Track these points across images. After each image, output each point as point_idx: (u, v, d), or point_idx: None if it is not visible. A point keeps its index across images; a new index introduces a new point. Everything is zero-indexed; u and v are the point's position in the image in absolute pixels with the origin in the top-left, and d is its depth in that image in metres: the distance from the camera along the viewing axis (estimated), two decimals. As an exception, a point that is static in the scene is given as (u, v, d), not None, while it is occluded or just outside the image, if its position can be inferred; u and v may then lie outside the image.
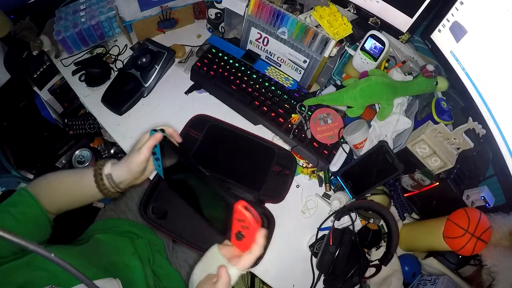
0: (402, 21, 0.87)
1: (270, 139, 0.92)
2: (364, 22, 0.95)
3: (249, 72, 0.98)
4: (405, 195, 0.85)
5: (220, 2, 0.98)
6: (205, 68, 0.97)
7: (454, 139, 0.78)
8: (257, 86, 0.96)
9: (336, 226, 0.80)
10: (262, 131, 0.93)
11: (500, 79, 0.70)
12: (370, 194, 0.84)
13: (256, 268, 0.78)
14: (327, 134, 0.89)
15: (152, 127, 0.59)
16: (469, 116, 0.80)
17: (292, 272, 0.81)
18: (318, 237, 0.81)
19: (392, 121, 0.83)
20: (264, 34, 0.95)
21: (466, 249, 0.68)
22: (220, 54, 1.00)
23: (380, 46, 0.85)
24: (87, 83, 1.01)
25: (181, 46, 1.07)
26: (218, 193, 0.50)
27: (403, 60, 0.95)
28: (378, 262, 0.75)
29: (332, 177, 0.89)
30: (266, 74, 0.97)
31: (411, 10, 0.83)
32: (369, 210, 0.82)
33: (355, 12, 0.95)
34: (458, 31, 0.78)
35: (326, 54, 0.88)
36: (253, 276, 1.04)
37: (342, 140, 0.89)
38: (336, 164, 0.87)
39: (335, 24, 0.86)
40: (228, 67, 0.98)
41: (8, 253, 0.54)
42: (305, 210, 0.87)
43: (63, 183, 0.64)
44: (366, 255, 0.80)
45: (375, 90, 0.81)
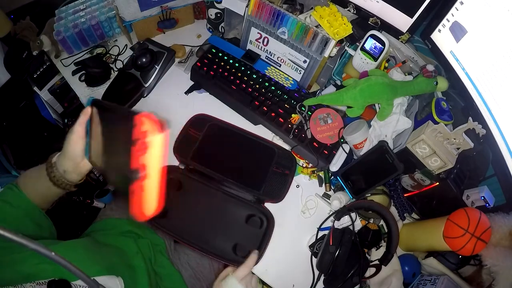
0: (402, 21, 0.87)
1: (270, 139, 0.92)
2: (364, 22, 0.95)
3: (249, 72, 0.98)
4: (405, 195, 0.85)
5: (220, 2, 0.99)
6: (205, 68, 0.97)
7: (454, 139, 0.78)
8: (257, 86, 0.96)
9: (336, 226, 0.80)
10: (262, 131, 0.93)
11: (500, 79, 0.70)
12: (370, 194, 0.84)
13: (256, 268, 0.78)
14: (327, 134, 0.89)
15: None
16: (469, 116, 0.80)
17: (292, 272, 0.81)
18: (318, 237, 0.81)
19: (392, 121, 0.83)
20: (264, 34, 0.95)
21: (466, 249, 0.68)
22: (220, 54, 1.00)
23: (380, 46, 0.85)
24: (87, 83, 1.01)
25: (181, 46, 1.07)
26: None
27: (403, 60, 0.95)
28: (378, 262, 0.75)
29: (332, 177, 0.89)
30: (266, 74, 0.97)
31: (411, 10, 0.83)
32: (369, 210, 0.82)
33: (355, 12, 0.95)
34: (458, 31, 0.78)
35: (326, 54, 0.88)
36: (253, 276, 1.03)
37: (342, 140, 0.89)
38: (336, 164, 0.87)
39: (335, 24, 0.86)
40: (228, 67, 0.98)
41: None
42: (305, 210, 0.87)
43: (31, 179, 0.63)
44: (366, 255, 0.80)
45: (375, 90, 0.81)
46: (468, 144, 0.78)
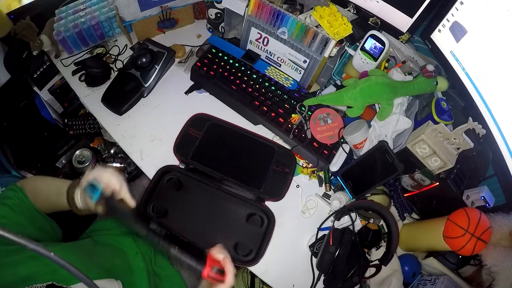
0: (402, 21, 0.87)
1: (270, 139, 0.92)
2: (364, 22, 0.95)
3: (249, 72, 0.98)
4: (405, 195, 0.85)
5: (220, 2, 0.98)
6: (205, 68, 0.97)
7: (454, 139, 0.78)
8: (257, 86, 0.96)
9: (336, 226, 0.80)
10: (262, 131, 0.93)
11: (500, 79, 0.70)
12: (370, 194, 0.84)
13: (256, 268, 0.78)
14: (327, 134, 0.89)
15: (92, 182, 0.57)
16: (469, 116, 0.80)
17: (292, 272, 0.81)
18: (318, 237, 0.81)
19: (392, 121, 0.83)
20: (264, 34, 0.95)
21: (466, 249, 0.68)
22: (220, 54, 1.00)
23: (380, 46, 0.85)
24: (87, 83, 1.01)
25: (181, 46, 1.07)
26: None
27: (403, 60, 0.95)
28: (378, 262, 0.75)
29: (332, 177, 0.89)
30: (266, 74, 0.97)
31: (411, 10, 0.83)
32: (369, 210, 0.82)
33: (355, 12, 0.95)
34: (458, 31, 0.78)
35: (326, 54, 0.88)
36: (253, 276, 1.04)
37: (342, 140, 0.89)
38: (336, 164, 0.87)
39: (335, 24, 0.86)
40: (228, 67, 0.98)
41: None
42: (305, 210, 0.87)
43: (44, 192, 0.65)
44: (366, 255, 0.80)
45: (375, 90, 0.81)
46: (468, 144, 0.78)
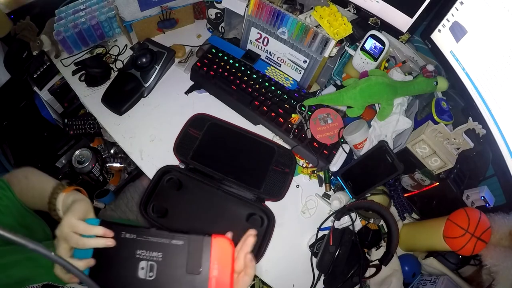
0: (402, 21, 0.87)
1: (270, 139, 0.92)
2: (364, 22, 0.95)
3: (249, 72, 0.98)
4: (405, 195, 0.85)
5: (220, 2, 0.98)
6: (205, 68, 0.97)
7: (454, 139, 0.78)
8: (257, 86, 0.96)
9: (336, 226, 0.80)
10: (262, 131, 0.93)
11: (500, 79, 0.70)
12: (370, 194, 0.84)
13: (256, 268, 0.78)
14: (327, 134, 0.89)
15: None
16: (469, 116, 0.80)
17: (292, 272, 0.81)
18: (318, 237, 0.81)
19: (392, 121, 0.83)
20: (264, 34, 0.95)
21: (466, 249, 0.68)
22: (220, 54, 1.00)
23: (380, 46, 0.85)
24: (87, 83, 1.01)
25: (181, 46, 1.07)
26: None
27: (403, 60, 0.95)
28: (378, 262, 0.75)
29: (332, 177, 0.89)
30: (266, 74, 0.97)
31: (411, 10, 0.83)
32: (369, 210, 0.82)
33: (355, 12, 0.95)
34: (458, 31, 0.78)
35: (326, 54, 0.88)
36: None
37: (342, 140, 0.89)
38: (336, 164, 0.87)
39: (335, 24, 0.86)
40: (228, 67, 0.98)
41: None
42: (305, 210, 0.87)
43: (30, 190, 0.61)
44: (366, 255, 0.80)
45: (375, 90, 0.81)
46: (468, 144, 0.78)
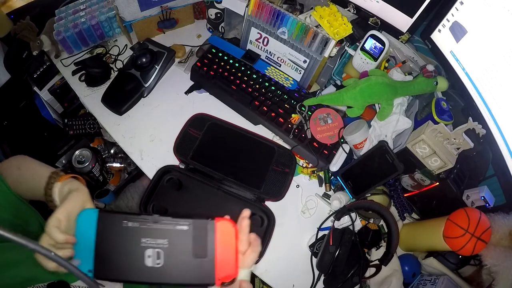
0: (402, 21, 0.87)
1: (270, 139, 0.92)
2: (364, 22, 0.95)
3: (249, 72, 0.98)
4: (405, 195, 0.85)
5: (220, 2, 0.99)
6: (205, 68, 0.97)
7: (454, 139, 0.78)
8: (257, 86, 0.96)
9: (336, 226, 0.80)
10: (262, 131, 0.93)
11: (500, 79, 0.70)
12: (370, 194, 0.84)
13: (256, 268, 0.78)
14: (327, 134, 0.89)
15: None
16: (469, 116, 0.80)
17: (292, 272, 0.81)
18: (318, 237, 0.81)
19: (392, 121, 0.83)
20: (264, 34, 0.95)
21: (466, 249, 0.68)
22: (220, 54, 1.00)
23: (380, 46, 0.85)
24: (87, 83, 1.01)
25: (181, 46, 1.07)
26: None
27: (403, 60, 0.95)
28: (378, 262, 0.75)
29: (332, 177, 0.89)
30: (266, 74, 0.97)
31: (411, 10, 0.83)
32: (369, 210, 0.82)
33: (355, 12, 0.95)
34: (458, 31, 0.78)
35: (326, 54, 0.88)
36: (253, 276, 1.03)
37: (342, 140, 0.89)
38: (336, 164, 0.87)
39: (335, 24, 0.86)
40: (228, 67, 0.98)
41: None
42: (305, 210, 0.87)
43: (27, 182, 0.60)
44: (366, 255, 0.80)
45: (375, 90, 0.81)
46: (468, 144, 0.78)
